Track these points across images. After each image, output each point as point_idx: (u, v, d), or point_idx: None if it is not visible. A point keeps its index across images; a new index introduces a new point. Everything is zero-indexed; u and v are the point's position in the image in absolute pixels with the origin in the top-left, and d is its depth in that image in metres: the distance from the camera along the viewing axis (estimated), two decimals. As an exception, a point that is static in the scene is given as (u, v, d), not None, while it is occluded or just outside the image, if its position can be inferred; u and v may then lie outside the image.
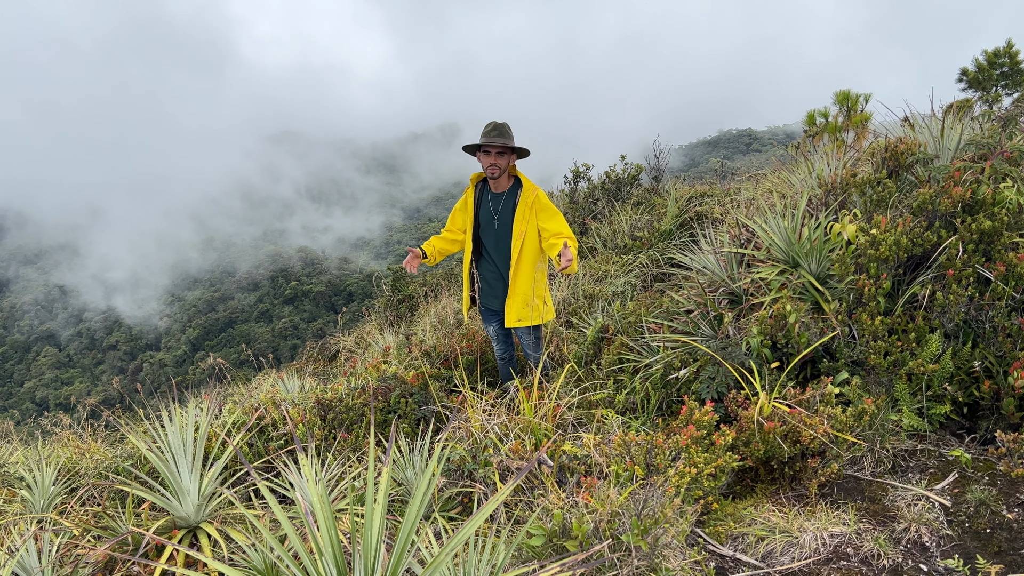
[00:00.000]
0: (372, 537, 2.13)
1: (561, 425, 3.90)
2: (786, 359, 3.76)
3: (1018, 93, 11.27)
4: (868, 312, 3.63)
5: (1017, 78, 11.46)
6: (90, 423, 5.19)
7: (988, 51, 11.63)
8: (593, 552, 2.54)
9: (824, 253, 4.03)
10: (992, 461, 3.25)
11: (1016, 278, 3.49)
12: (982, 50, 11.74)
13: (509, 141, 4.43)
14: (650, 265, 7.18)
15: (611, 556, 2.60)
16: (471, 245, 4.81)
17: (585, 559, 2.51)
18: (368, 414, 4.34)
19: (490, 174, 4.56)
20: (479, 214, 4.76)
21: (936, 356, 3.53)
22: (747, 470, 3.43)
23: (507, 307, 4.68)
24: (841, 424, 3.19)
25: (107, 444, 4.90)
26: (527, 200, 4.58)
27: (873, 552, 2.79)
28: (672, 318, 4.45)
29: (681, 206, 8.12)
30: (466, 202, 4.83)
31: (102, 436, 5.13)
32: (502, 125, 4.47)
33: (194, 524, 3.11)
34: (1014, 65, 11.49)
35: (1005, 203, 3.74)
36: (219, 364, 5.26)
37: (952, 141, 4.49)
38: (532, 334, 4.87)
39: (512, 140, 4.46)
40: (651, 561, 2.63)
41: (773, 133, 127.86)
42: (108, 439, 5.14)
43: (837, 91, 9.91)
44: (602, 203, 10.05)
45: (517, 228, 4.58)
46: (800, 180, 5.55)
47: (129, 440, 4.41)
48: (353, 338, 10.57)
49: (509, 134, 4.46)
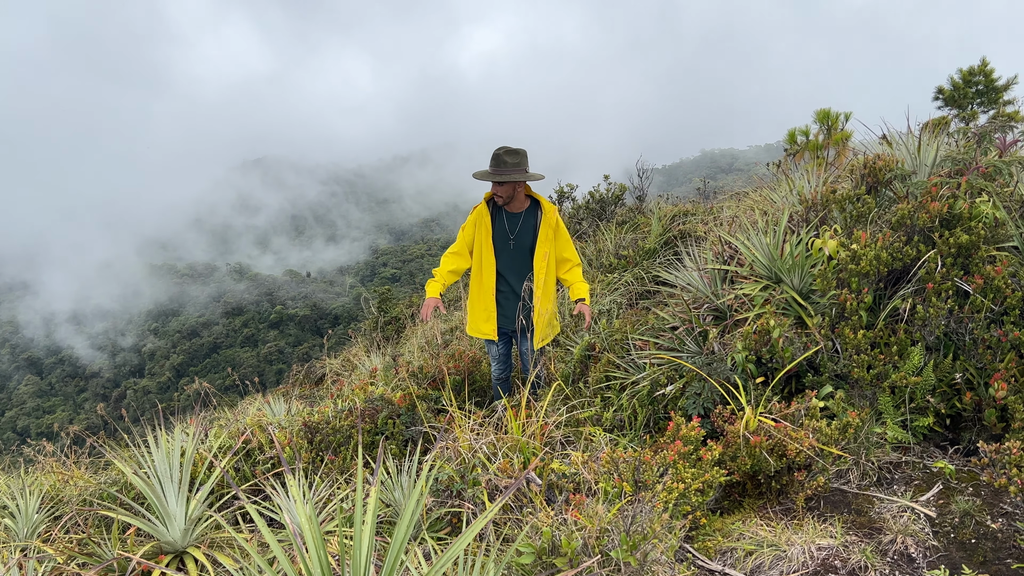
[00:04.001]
0: (361, 558, 2.13)
1: (549, 443, 3.91)
2: (771, 374, 3.80)
3: (993, 110, 11.50)
4: (851, 326, 3.67)
5: (992, 95, 11.69)
6: (73, 450, 5.13)
7: (963, 70, 11.88)
8: (583, 568, 2.54)
9: (806, 269, 4.08)
10: (975, 472, 3.29)
11: (994, 291, 3.54)
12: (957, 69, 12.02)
13: (504, 176, 4.42)
14: (635, 283, 7.22)
15: (600, 572, 2.61)
16: (491, 263, 4.75)
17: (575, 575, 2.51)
18: (355, 436, 4.33)
19: (497, 201, 4.58)
20: (494, 234, 4.71)
21: (918, 369, 3.57)
22: (734, 485, 3.45)
23: (536, 328, 4.68)
24: (827, 437, 3.22)
25: (91, 471, 4.85)
26: (549, 222, 4.63)
27: (860, 564, 2.81)
28: (658, 335, 4.48)
29: (665, 225, 8.19)
30: (480, 220, 4.72)
31: (86, 463, 5.07)
32: (502, 155, 4.43)
33: (181, 549, 3.08)
34: (989, 83, 11.72)
35: (981, 217, 3.81)
36: (205, 388, 5.23)
37: (929, 157, 4.57)
38: (539, 352, 4.88)
39: (509, 171, 4.43)
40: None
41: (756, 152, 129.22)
42: (92, 466, 5.09)
43: (818, 110, 10.07)
44: (586, 223, 10.12)
45: (541, 249, 4.62)
46: (781, 197, 5.63)
47: (114, 466, 4.37)
48: (339, 361, 10.54)
49: (508, 165, 4.43)
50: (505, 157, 4.41)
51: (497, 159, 4.43)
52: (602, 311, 6.72)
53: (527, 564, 2.67)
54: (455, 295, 11.08)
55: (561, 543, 2.65)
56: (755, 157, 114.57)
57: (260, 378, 6.83)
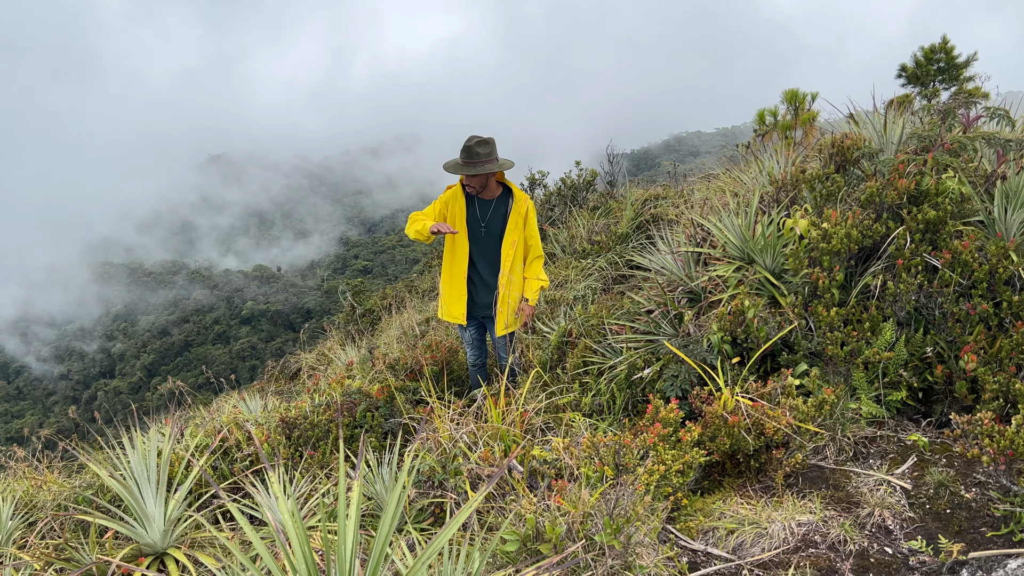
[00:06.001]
0: (346, 551, 2.11)
1: (529, 430, 3.92)
2: (746, 354, 3.83)
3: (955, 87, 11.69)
4: (823, 304, 3.71)
5: (953, 73, 11.89)
6: (45, 455, 5.04)
7: (925, 47, 12.05)
8: (568, 554, 2.55)
9: (778, 249, 4.12)
10: (948, 444, 3.35)
11: (962, 265, 3.60)
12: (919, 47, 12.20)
13: (476, 167, 4.40)
14: (609, 268, 7.25)
15: (585, 557, 2.62)
16: (465, 249, 4.73)
17: (560, 561, 2.52)
18: (334, 430, 4.30)
19: (468, 191, 4.56)
20: (468, 219, 4.69)
21: (890, 344, 3.63)
22: (714, 465, 3.48)
23: (499, 315, 4.69)
24: (803, 415, 3.26)
25: (64, 475, 4.76)
26: (520, 210, 4.64)
27: (840, 538, 2.85)
28: (634, 319, 4.50)
29: (637, 209, 8.22)
30: (455, 201, 4.69)
31: (58, 467, 4.98)
32: (472, 146, 4.41)
33: (161, 550, 3.04)
34: (950, 60, 11.91)
35: (948, 193, 3.87)
36: (179, 387, 5.15)
37: (895, 135, 4.63)
38: (510, 338, 4.89)
39: (480, 161, 4.42)
40: (625, 559, 2.65)
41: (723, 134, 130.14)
42: (65, 470, 5.00)
43: (785, 90, 10.15)
44: (559, 209, 10.12)
45: (509, 237, 4.62)
46: (752, 178, 5.67)
47: (88, 469, 4.30)
48: (314, 355, 10.46)
49: (479, 156, 4.41)
50: (476, 148, 4.40)
51: (468, 150, 4.41)
52: (577, 297, 6.74)
53: (512, 551, 2.68)
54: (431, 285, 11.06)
55: (546, 529, 2.65)
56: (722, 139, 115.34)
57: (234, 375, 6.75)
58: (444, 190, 4.81)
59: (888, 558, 2.75)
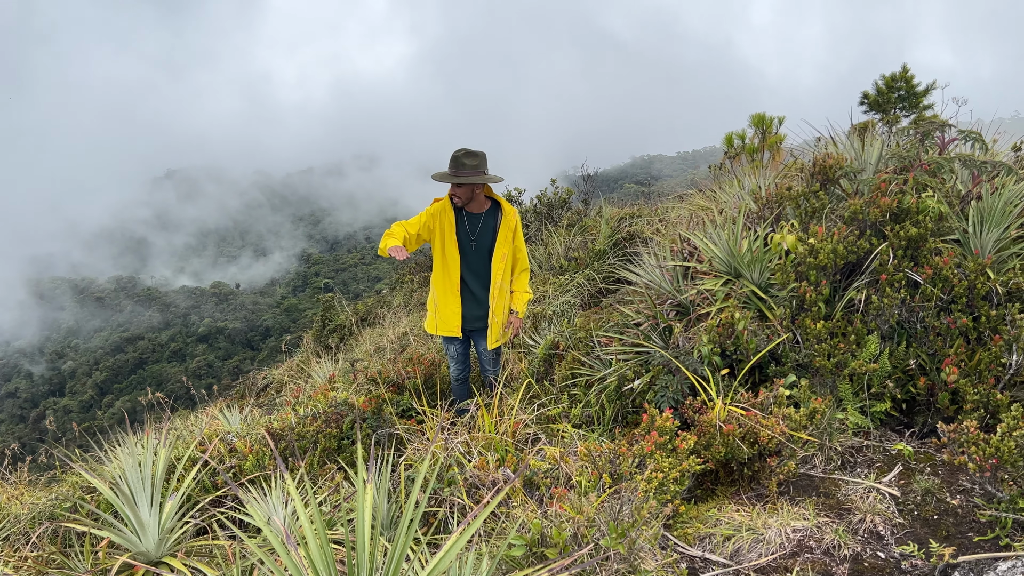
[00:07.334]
0: (364, 556, 2.11)
1: (522, 440, 3.93)
2: (735, 365, 3.91)
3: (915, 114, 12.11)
4: (811, 317, 3.81)
5: (912, 100, 12.34)
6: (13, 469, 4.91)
7: (886, 76, 12.49)
8: (577, 557, 2.58)
9: (764, 263, 4.22)
10: (931, 453, 3.46)
11: (942, 280, 3.74)
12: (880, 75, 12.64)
13: (462, 177, 4.42)
14: (587, 284, 7.32)
15: (591, 561, 2.64)
16: (456, 262, 4.71)
17: (570, 564, 2.53)
18: (322, 441, 4.27)
19: (455, 202, 4.57)
20: (458, 233, 4.67)
21: (875, 356, 3.73)
22: (707, 474, 3.54)
23: (490, 329, 4.71)
24: (796, 424, 3.34)
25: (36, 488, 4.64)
26: (509, 224, 4.65)
27: (834, 543, 2.92)
28: (622, 331, 4.56)
29: (613, 227, 8.33)
30: (444, 215, 4.64)
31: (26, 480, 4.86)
32: (460, 157, 4.43)
33: (156, 559, 2.99)
34: (910, 89, 12.37)
35: (928, 211, 4.01)
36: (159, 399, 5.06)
37: (872, 156, 4.79)
38: (496, 352, 4.90)
39: (467, 173, 4.43)
40: (630, 563, 2.68)
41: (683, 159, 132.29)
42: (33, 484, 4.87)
43: (753, 114, 10.39)
44: (534, 226, 10.19)
45: (499, 250, 4.63)
46: (733, 196, 5.80)
47: (66, 480, 4.19)
48: (282, 370, 10.33)
49: (466, 167, 4.43)
50: (464, 159, 4.42)
51: (456, 161, 4.44)
52: (556, 312, 6.79)
53: (518, 556, 2.69)
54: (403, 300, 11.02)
55: (552, 534, 2.68)
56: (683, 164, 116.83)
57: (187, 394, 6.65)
58: (431, 202, 4.79)
59: (881, 562, 2.83)
